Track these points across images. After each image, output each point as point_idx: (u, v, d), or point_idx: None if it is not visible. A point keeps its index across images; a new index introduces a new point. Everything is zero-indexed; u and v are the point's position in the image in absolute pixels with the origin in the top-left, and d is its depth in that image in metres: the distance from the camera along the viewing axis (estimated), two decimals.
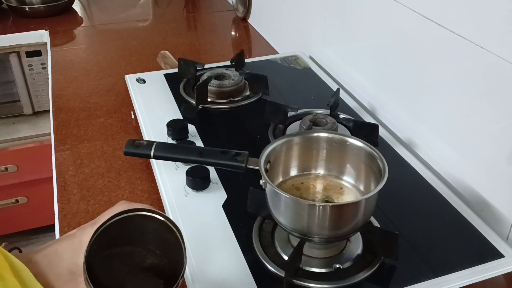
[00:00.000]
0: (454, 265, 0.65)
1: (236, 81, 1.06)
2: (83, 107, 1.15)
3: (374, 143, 0.80)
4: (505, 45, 0.67)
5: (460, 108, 0.78)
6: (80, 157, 0.97)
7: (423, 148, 0.88)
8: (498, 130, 0.71)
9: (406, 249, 0.68)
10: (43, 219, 1.91)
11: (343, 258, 0.66)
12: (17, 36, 1.66)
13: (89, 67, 1.37)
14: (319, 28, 1.19)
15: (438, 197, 0.77)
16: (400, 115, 0.94)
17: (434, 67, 0.82)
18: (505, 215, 0.72)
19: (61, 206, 0.85)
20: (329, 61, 1.18)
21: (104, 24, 1.76)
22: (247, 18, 1.67)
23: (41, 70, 1.75)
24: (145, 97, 1.04)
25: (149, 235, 0.53)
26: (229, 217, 0.73)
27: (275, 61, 1.21)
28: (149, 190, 0.88)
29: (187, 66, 1.11)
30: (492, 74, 0.70)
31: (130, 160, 0.95)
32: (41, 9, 1.76)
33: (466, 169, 0.79)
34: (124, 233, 0.52)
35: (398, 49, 0.91)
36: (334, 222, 0.61)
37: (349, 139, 0.69)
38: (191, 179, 0.78)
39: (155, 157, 0.71)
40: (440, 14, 0.78)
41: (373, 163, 0.66)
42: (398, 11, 0.88)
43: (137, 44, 1.52)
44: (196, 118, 0.98)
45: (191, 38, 1.61)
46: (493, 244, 0.68)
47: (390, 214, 0.73)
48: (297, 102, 0.97)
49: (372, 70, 1.01)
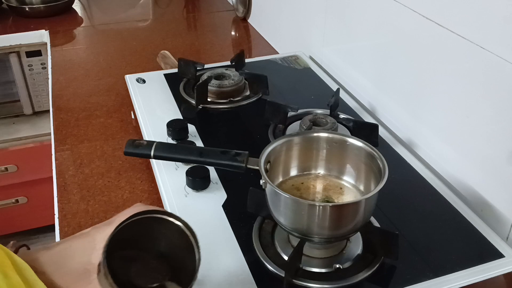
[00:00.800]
0: (454, 265, 0.65)
1: (236, 81, 1.06)
2: (83, 107, 1.15)
3: (374, 143, 0.80)
4: (505, 45, 0.67)
5: (460, 108, 0.78)
6: (80, 157, 0.97)
7: (423, 148, 0.88)
8: (498, 130, 0.71)
9: (406, 249, 0.68)
10: (43, 219, 1.91)
11: (343, 258, 0.66)
12: (17, 36, 1.66)
13: (89, 67, 1.37)
14: (319, 28, 1.19)
15: (438, 197, 0.77)
16: (400, 115, 0.94)
17: (434, 67, 0.82)
18: (505, 215, 0.72)
19: (61, 206, 0.85)
20: (329, 61, 1.18)
21: (104, 24, 1.76)
22: (247, 18, 1.67)
23: (41, 70, 1.75)
24: (145, 97, 1.04)
25: (161, 240, 0.53)
26: (229, 217, 0.73)
27: (275, 61, 1.21)
28: (149, 190, 0.88)
29: (187, 66, 1.11)
30: (492, 74, 0.70)
31: (130, 160, 0.95)
32: (41, 9, 1.76)
33: (466, 169, 0.79)
34: (136, 235, 0.52)
35: (398, 49, 0.92)
36: (334, 222, 0.61)
37: (349, 139, 0.69)
38: (191, 179, 0.78)
39: (155, 157, 0.71)
40: (440, 14, 0.78)
41: (373, 163, 0.66)
42: (398, 11, 0.88)
43: (137, 44, 1.52)
44: (196, 118, 0.98)
45: (191, 38, 1.61)
46: (493, 244, 0.68)
47: (390, 214, 0.73)
48: (297, 102, 0.97)
49: (372, 70, 1.01)
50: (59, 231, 0.80)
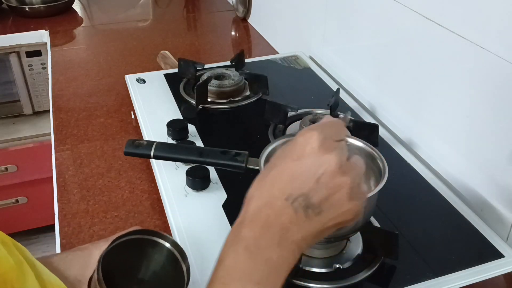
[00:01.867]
0: (454, 265, 0.65)
1: (236, 81, 1.06)
2: (83, 107, 1.15)
3: (374, 143, 0.80)
4: (505, 45, 0.67)
5: (460, 108, 0.78)
6: (80, 157, 0.97)
7: (423, 148, 0.88)
8: (498, 130, 0.71)
9: (406, 249, 0.67)
10: (43, 219, 1.92)
11: (343, 258, 0.66)
12: (17, 36, 1.66)
13: (89, 67, 1.37)
14: (319, 28, 1.19)
15: (438, 197, 0.77)
16: (400, 115, 0.94)
17: (434, 67, 0.82)
18: (505, 215, 0.71)
19: (61, 206, 0.85)
20: (329, 61, 1.18)
21: (104, 24, 1.76)
22: (247, 18, 1.67)
23: (41, 70, 1.75)
24: (145, 97, 1.04)
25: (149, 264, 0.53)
26: (229, 217, 0.73)
27: (275, 61, 1.21)
28: (149, 190, 0.88)
29: (187, 66, 1.11)
30: (492, 74, 0.70)
31: (130, 160, 0.95)
32: (41, 9, 1.76)
33: (466, 169, 0.79)
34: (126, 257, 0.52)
35: (398, 49, 0.92)
36: None
37: (349, 139, 0.69)
38: (191, 179, 0.78)
39: (155, 157, 0.71)
40: (440, 14, 0.78)
41: (373, 163, 0.66)
42: (398, 11, 0.88)
43: (137, 44, 1.52)
44: (196, 118, 0.98)
45: (191, 38, 1.61)
46: (493, 244, 0.68)
47: (390, 214, 0.73)
48: (297, 102, 0.97)
49: (372, 70, 1.01)
50: (59, 231, 0.80)
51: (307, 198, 0.44)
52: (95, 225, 0.81)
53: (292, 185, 0.44)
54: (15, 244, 0.47)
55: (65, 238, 0.78)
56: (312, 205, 0.44)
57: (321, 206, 0.44)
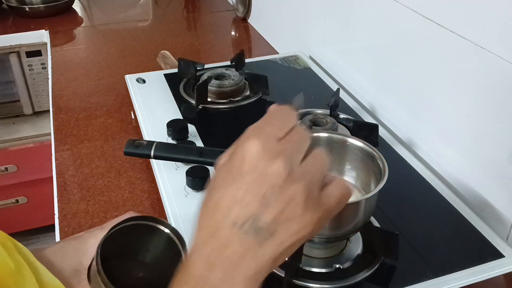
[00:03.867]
0: (454, 265, 0.65)
1: (236, 81, 1.06)
2: (83, 107, 1.15)
3: (374, 143, 0.80)
4: (505, 45, 0.67)
5: (460, 108, 0.78)
6: (80, 157, 0.97)
7: (423, 148, 0.88)
8: (498, 130, 0.71)
9: (406, 249, 0.67)
10: (43, 219, 1.92)
11: (343, 258, 0.66)
12: (17, 36, 1.66)
13: (89, 67, 1.37)
14: (319, 28, 1.19)
15: (438, 197, 0.77)
16: (400, 115, 0.94)
17: (434, 67, 0.82)
18: (505, 215, 0.72)
19: (61, 206, 0.85)
20: (329, 61, 1.18)
21: (104, 24, 1.76)
22: (247, 18, 1.67)
23: (41, 70, 1.75)
24: (145, 97, 1.04)
25: (149, 248, 0.53)
26: None
27: (275, 61, 1.21)
28: (149, 190, 0.88)
29: (187, 66, 1.11)
30: (492, 74, 0.70)
31: (130, 160, 0.95)
32: (41, 9, 1.76)
33: (466, 169, 0.79)
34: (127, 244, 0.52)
35: (398, 49, 0.92)
36: (334, 222, 0.60)
37: (349, 139, 0.69)
38: (191, 179, 0.78)
39: (155, 157, 0.71)
40: (440, 14, 0.78)
41: (373, 163, 0.66)
42: (398, 11, 0.88)
43: (137, 44, 1.52)
44: (196, 118, 0.98)
45: (191, 38, 1.61)
46: (493, 244, 0.68)
47: (390, 214, 0.73)
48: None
49: (372, 70, 1.01)
50: (59, 231, 0.80)
51: (255, 220, 0.37)
52: (95, 225, 0.80)
53: (236, 209, 0.38)
54: (17, 246, 0.47)
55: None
56: (261, 227, 0.37)
57: (274, 226, 0.37)
